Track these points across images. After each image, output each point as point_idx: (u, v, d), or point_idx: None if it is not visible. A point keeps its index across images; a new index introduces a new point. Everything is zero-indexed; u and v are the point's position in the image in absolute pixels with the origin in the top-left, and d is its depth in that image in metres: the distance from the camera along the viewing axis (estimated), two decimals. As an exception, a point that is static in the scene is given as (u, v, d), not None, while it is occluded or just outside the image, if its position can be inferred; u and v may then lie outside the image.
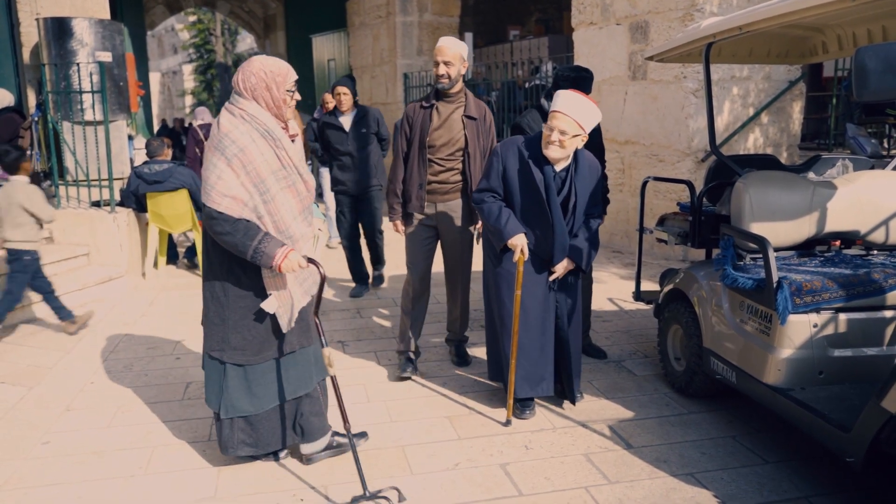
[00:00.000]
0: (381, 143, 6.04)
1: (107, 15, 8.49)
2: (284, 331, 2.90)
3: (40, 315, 5.32)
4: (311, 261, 2.84)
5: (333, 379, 2.88)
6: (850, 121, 7.79)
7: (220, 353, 2.90)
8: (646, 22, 7.14)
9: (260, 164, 2.73)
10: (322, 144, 5.98)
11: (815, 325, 2.99)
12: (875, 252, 3.59)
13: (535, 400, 3.69)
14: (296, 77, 2.87)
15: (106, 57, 8.05)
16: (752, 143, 7.37)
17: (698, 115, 6.86)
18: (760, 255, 3.26)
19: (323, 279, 2.88)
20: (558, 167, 3.38)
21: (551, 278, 3.47)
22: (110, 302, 5.82)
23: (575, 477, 3.02)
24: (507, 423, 3.49)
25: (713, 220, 3.81)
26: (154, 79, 39.40)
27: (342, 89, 5.81)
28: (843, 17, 3.61)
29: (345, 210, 5.86)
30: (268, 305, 2.83)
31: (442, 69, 3.84)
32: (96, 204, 6.64)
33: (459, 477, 3.03)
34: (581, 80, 3.90)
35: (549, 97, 4.01)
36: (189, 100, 37.79)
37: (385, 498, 2.82)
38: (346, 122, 5.81)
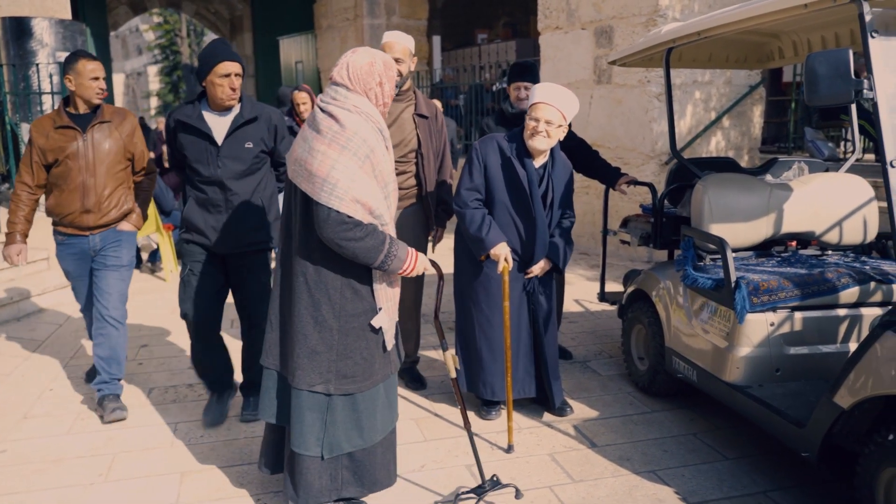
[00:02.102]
0: (278, 168, 3.59)
1: (68, 15, 8.35)
2: (389, 348, 2.64)
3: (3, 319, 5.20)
4: (432, 262, 2.70)
5: (454, 381, 2.89)
6: (808, 125, 7.99)
7: (324, 386, 2.53)
8: (610, 27, 7.25)
9: (384, 166, 2.50)
10: (173, 160, 3.53)
11: (772, 324, 3.07)
12: (830, 252, 3.68)
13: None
14: None
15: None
16: (714, 146, 7.51)
17: (662, 119, 6.97)
18: (719, 256, 3.33)
19: (442, 279, 2.77)
20: (537, 163, 3.39)
21: (528, 276, 3.46)
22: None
23: (540, 476, 3.04)
24: (510, 448, 3.26)
25: (674, 222, 3.88)
26: (118, 80, 38.72)
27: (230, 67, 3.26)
28: (797, 24, 3.70)
29: (204, 273, 3.39)
30: (379, 321, 2.55)
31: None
32: (57, 207, 6.51)
33: (425, 478, 3.03)
34: (532, 69, 3.98)
35: (507, 99, 4.05)
36: (154, 101, 37.24)
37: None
38: (218, 124, 3.34)
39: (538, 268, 3.45)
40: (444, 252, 6.33)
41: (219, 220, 3.36)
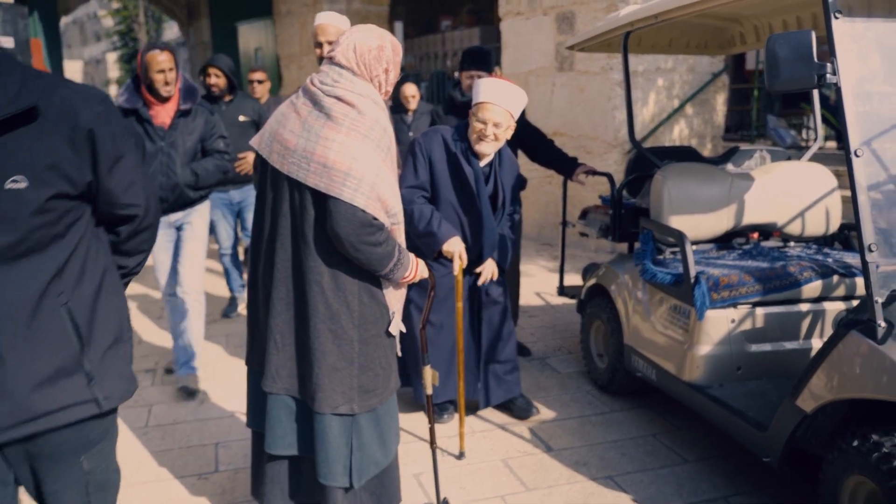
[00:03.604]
0: (116, 228, 1.70)
1: (7, -2, 7.94)
2: (399, 354, 2.44)
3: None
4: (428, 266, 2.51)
5: (429, 398, 2.66)
6: (770, 113, 7.94)
7: (348, 406, 2.25)
8: (572, 12, 7.08)
9: (396, 160, 2.29)
10: None
11: (733, 321, 2.94)
12: (792, 244, 3.57)
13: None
14: None
15: (7, 42, 7.53)
16: (678, 134, 7.41)
17: (624, 107, 6.84)
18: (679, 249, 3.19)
19: (433, 288, 2.56)
20: (483, 162, 3.20)
21: (480, 282, 3.27)
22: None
23: (492, 485, 2.88)
24: (461, 455, 3.11)
25: (633, 214, 3.73)
26: (76, 67, 37.59)
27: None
28: (758, 8, 3.57)
29: None
30: (395, 327, 2.34)
31: (326, 49, 3.17)
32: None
33: (371, 489, 2.85)
34: (486, 56, 3.78)
35: (458, 86, 3.84)
36: (114, 89, 36.27)
37: None
38: None
39: (486, 270, 3.25)
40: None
41: None
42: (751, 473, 2.93)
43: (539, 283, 5.90)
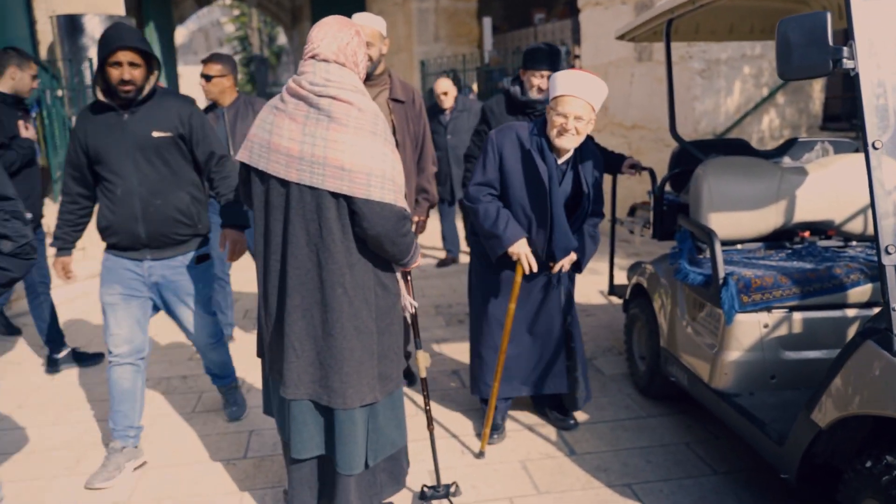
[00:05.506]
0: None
1: (121, 11, 8.58)
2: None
3: (23, 309, 5.37)
4: None
5: (423, 381, 2.75)
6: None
7: (372, 395, 2.31)
8: (651, 1, 6.80)
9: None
10: None
11: (766, 326, 2.74)
12: (854, 243, 3.28)
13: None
14: None
15: (115, 52, 8.13)
16: (767, 125, 6.97)
17: (705, 98, 6.51)
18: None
19: (408, 273, 2.62)
20: (561, 159, 3.05)
21: (554, 269, 3.09)
22: (93, 297, 5.84)
23: (503, 486, 2.84)
24: (481, 454, 3.08)
25: (676, 210, 3.55)
26: (199, 71, 40.00)
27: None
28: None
29: None
30: (407, 309, 2.47)
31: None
32: (93, 198, 6.69)
33: (385, 483, 2.88)
34: (557, 55, 3.60)
35: (517, 81, 3.68)
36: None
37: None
38: None
39: (567, 261, 3.08)
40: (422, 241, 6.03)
41: None
42: (784, 489, 2.73)
43: (605, 282, 5.72)
